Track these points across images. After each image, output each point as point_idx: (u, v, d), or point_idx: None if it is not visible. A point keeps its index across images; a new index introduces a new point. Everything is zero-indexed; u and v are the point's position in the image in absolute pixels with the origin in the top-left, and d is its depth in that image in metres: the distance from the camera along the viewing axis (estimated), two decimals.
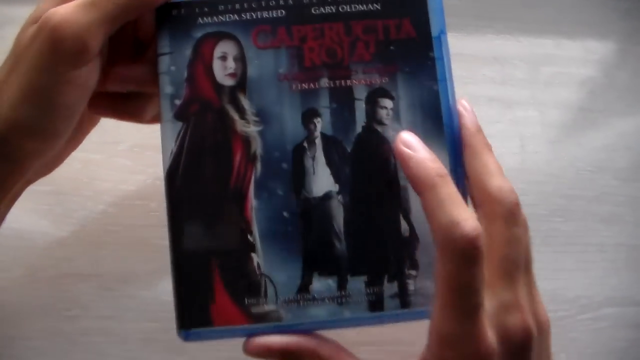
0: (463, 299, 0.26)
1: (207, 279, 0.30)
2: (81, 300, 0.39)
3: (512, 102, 0.46)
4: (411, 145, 0.28)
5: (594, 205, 0.44)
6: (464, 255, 0.26)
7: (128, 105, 0.35)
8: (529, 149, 0.45)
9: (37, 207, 0.40)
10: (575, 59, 0.48)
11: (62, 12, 0.28)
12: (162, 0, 0.31)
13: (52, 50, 0.28)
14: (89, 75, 0.30)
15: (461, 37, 0.47)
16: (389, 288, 0.30)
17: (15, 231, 0.39)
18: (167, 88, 0.31)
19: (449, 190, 0.27)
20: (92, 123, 0.36)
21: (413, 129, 0.31)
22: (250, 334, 0.30)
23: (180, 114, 0.31)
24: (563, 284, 0.42)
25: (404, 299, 0.30)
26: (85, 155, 0.39)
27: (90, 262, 0.40)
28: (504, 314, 0.27)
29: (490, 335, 0.27)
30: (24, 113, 0.29)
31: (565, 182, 0.45)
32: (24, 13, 0.31)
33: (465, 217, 0.26)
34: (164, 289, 0.28)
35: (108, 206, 0.41)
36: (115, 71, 0.33)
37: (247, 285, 0.30)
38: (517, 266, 0.28)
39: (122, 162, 0.42)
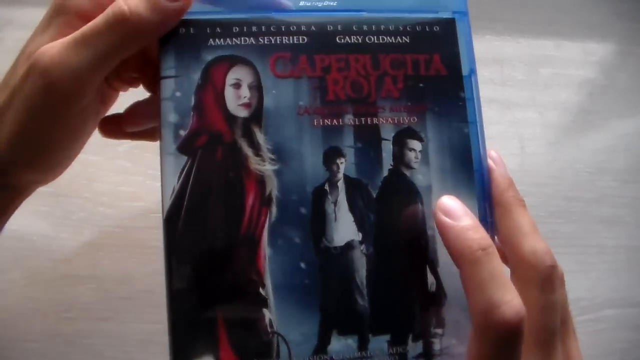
0: None
1: (211, 337, 0.26)
2: (80, 302, 0.39)
3: (512, 103, 0.46)
4: (451, 212, 0.26)
5: (593, 206, 0.44)
6: (504, 340, 0.24)
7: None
8: (529, 150, 0.45)
9: (36, 208, 0.40)
10: (575, 60, 0.48)
11: (51, 53, 0.26)
12: (158, 33, 0.27)
13: (44, 95, 0.26)
14: (84, 115, 0.29)
15: None
16: (414, 348, 0.28)
17: (13, 233, 0.38)
18: (170, 116, 0.27)
19: (491, 266, 0.25)
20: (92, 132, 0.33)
21: (442, 174, 0.29)
22: None
23: (185, 147, 0.27)
24: None
25: (429, 359, 0.28)
26: (84, 157, 0.36)
27: (88, 264, 0.39)
28: None
29: None
30: (21, 152, 0.28)
31: (565, 184, 0.45)
32: (23, 15, 0.30)
33: (508, 300, 0.24)
34: (163, 291, 0.26)
35: (107, 208, 0.40)
36: (131, 118, 0.32)
37: (256, 345, 0.26)
38: (553, 334, 0.26)
39: (121, 163, 0.41)
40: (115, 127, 0.32)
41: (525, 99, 0.47)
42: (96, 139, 0.34)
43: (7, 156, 0.28)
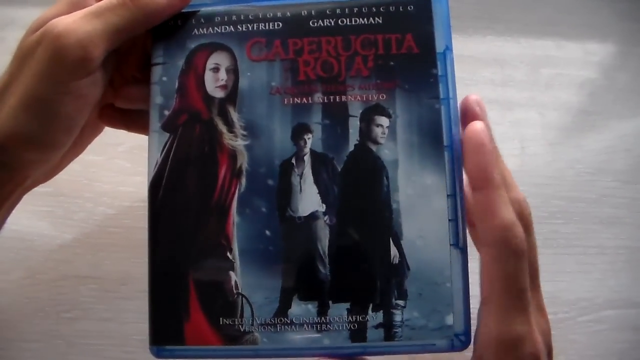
0: (521, 299, 0.26)
1: (183, 295, 0.29)
2: (80, 302, 0.39)
3: (512, 103, 0.46)
4: (486, 133, 0.27)
5: (593, 207, 0.44)
6: (522, 254, 0.26)
7: (137, 117, 0.34)
8: (529, 150, 0.45)
9: (36, 209, 0.41)
10: (575, 60, 0.47)
11: (65, 21, 0.28)
12: (167, 16, 0.30)
13: (54, 59, 0.28)
14: (91, 87, 0.30)
15: (461, 39, 0.47)
16: (373, 318, 0.28)
17: (14, 233, 0.40)
18: (157, 98, 0.30)
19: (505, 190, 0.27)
20: (95, 132, 0.36)
21: (410, 149, 0.29)
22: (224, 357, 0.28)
23: (168, 125, 0.30)
24: (563, 286, 0.42)
25: (388, 330, 0.28)
26: (85, 157, 0.39)
27: (89, 264, 0.40)
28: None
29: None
30: (24, 123, 0.29)
31: (565, 184, 0.44)
32: (25, 15, 0.31)
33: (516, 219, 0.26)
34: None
35: (107, 208, 0.41)
36: (124, 90, 0.33)
37: (223, 305, 0.29)
38: (536, 274, 0.28)
39: (121, 163, 0.42)
40: (108, 108, 0.34)
41: (526, 100, 0.46)
42: (96, 139, 0.36)
43: (8, 129, 0.28)
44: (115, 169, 0.42)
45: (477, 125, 0.27)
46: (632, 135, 0.45)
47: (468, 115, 0.29)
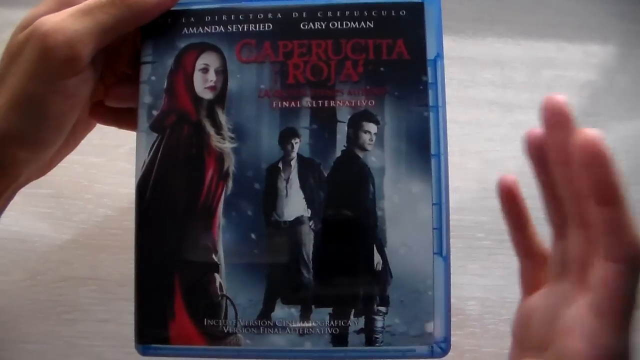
0: (630, 317, 0.25)
1: (168, 295, 0.29)
2: (80, 304, 0.39)
3: (513, 105, 0.46)
4: (602, 141, 0.25)
5: None
6: None
7: (128, 114, 0.34)
8: None
9: (37, 210, 0.41)
10: (576, 62, 0.47)
11: (53, 20, 0.28)
12: (156, 14, 0.30)
13: (42, 58, 0.28)
14: (80, 85, 0.30)
15: (462, 41, 0.47)
16: (355, 323, 0.29)
17: (15, 234, 0.40)
18: (146, 98, 0.30)
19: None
20: (88, 128, 0.36)
21: (397, 157, 0.29)
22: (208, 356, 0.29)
23: (156, 125, 0.30)
24: None
25: (369, 335, 0.29)
26: (85, 159, 0.38)
27: (89, 266, 0.40)
28: None
29: None
30: (14, 121, 0.29)
31: None
32: (24, 16, 0.31)
33: None
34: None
35: (108, 209, 0.41)
36: (113, 91, 0.33)
37: (207, 306, 0.29)
38: None
39: (122, 165, 0.42)
40: (99, 105, 0.34)
41: (527, 101, 0.46)
42: (97, 140, 0.36)
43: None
44: (116, 170, 0.42)
45: (591, 133, 0.25)
46: (633, 137, 0.45)
47: (558, 120, 0.28)
